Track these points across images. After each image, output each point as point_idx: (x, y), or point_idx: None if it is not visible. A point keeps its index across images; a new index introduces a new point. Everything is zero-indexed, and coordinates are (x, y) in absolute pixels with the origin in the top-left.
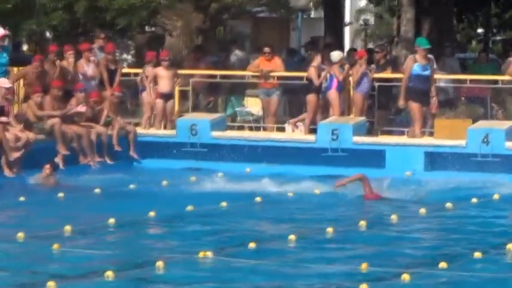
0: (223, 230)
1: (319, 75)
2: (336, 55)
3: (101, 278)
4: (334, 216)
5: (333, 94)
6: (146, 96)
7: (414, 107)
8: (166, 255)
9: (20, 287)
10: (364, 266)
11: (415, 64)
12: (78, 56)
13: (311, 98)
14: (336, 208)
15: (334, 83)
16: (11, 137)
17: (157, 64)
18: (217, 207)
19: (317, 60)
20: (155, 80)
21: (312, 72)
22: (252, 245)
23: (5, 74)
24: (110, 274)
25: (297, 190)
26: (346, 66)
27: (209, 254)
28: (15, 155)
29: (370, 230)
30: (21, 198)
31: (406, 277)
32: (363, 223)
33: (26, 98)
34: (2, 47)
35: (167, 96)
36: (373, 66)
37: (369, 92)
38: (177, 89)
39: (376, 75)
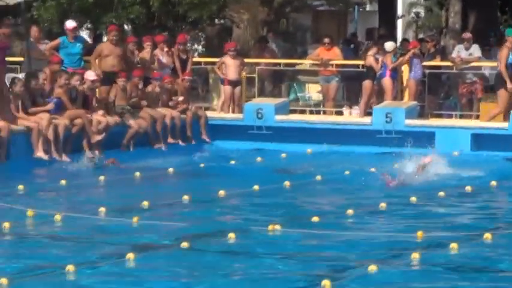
0: (288, 205)
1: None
2: (389, 45)
3: (177, 248)
4: (386, 193)
5: (386, 81)
6: None
7: (505, 93)
8: (237, 227)
9: (101, 257)
10: (420, 234)
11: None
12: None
13: (367, 83)
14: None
15: (388, 71)
16: (93, 121)
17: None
18: (281, 185)
19: (373, 50)
20: (219, 69)
21: (371, 60)
22: (315, 218)
23: (80, 62)
24: (185, 244)
25: (353, 169)
26: (401, 58)
27: (277, 227)
28: (97, 138)
29: (420, 205)
30: (101, 177)
31: (454, 246)
32: (413, 199)
33: (106, 75)
34: (75, 37)
35: (234, 83)
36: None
37: (421, 79)
38: (244, 76)
39: (426, 63)
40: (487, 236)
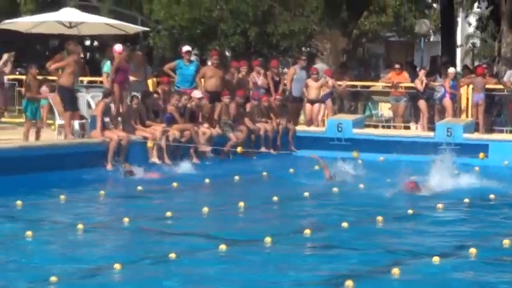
0: (361, 204)
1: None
2: (449, 71)
3: (261, 243)
4: (443, 194)
5: (447, 101)
6: None
7: None
8: (314, 223)
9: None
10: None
11: None
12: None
13: (421, 103)
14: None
15: (447, 93)
16: (200, 132)
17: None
18: (356, 188)
19: (421, 73)
20: (306, 89)
21: (417, 82)
22: (378, 218)
23: (192, 83)
24: (268, 240)
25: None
26: (463, 79)
27: (345, 224)
28: (205, 148)
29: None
30: (206, 180)
31: (506, 242)
32: (466, 200)
33: (210, 94)
34: (189, 60)
35: (313, 102)
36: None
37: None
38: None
39: None
40: None
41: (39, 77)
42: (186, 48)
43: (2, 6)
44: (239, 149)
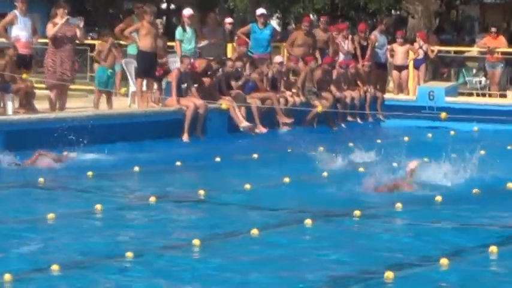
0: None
1: None
2: None
3: (300, 225)
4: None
5: None
6: None
7: None
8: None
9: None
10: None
11: None
12: None
13: None
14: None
15: None
16: (282, 100)
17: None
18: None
19: None
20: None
21: None
22: (476, 191)
23: (267, 47)
24: (308, 222)
25: None
26: None
27: (439, 198)
28: (286, 120)
29: None
30: (254, 155)
31: None
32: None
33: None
34: (264, 24)
35: (400, 68)
36: None
37: None
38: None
39: None
40: None
41: (112, 42)
42: (260, 11)
43: None
44: (319, 108)
